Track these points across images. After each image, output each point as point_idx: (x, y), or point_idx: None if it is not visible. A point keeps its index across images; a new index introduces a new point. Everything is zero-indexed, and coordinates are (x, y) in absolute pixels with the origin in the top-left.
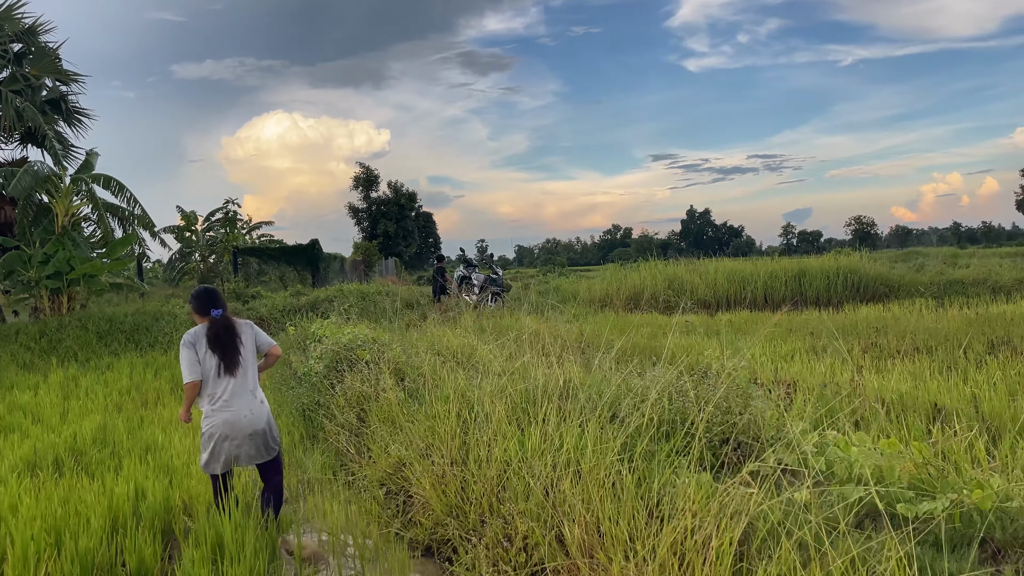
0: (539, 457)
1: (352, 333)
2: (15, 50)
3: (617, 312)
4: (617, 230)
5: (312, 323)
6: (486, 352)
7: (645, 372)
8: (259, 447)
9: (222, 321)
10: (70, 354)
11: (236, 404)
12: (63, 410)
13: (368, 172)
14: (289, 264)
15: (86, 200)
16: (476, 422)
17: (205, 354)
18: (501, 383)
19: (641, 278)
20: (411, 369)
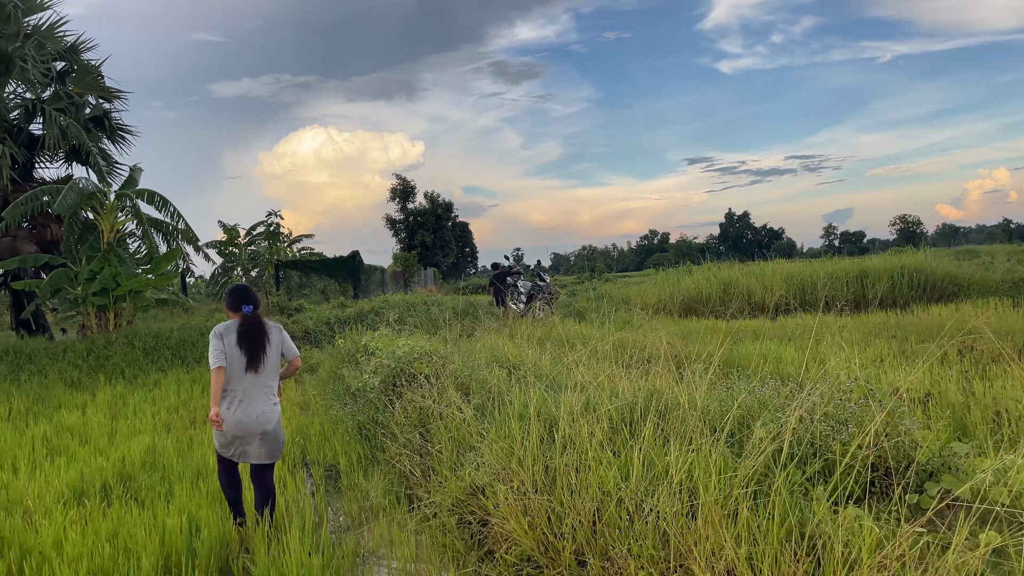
0: (644, 486)
1: (407, 345)
2: (58, 68)
3: (673, 318)
4: (654, 235)
5: (362, 335)
6: (549, 362)
7: (733, 384)
8: (268, 448)
9: (254, 318)
10: (117, 371)
11: (250, 403)
12: (111, 430)
13: (404, 183)
14: (331, 276)
15: (131, 216)
16: (562, 444)
17: (233, 348)
18: (585, 399)
19: (695, 282)
20: (476, 384)
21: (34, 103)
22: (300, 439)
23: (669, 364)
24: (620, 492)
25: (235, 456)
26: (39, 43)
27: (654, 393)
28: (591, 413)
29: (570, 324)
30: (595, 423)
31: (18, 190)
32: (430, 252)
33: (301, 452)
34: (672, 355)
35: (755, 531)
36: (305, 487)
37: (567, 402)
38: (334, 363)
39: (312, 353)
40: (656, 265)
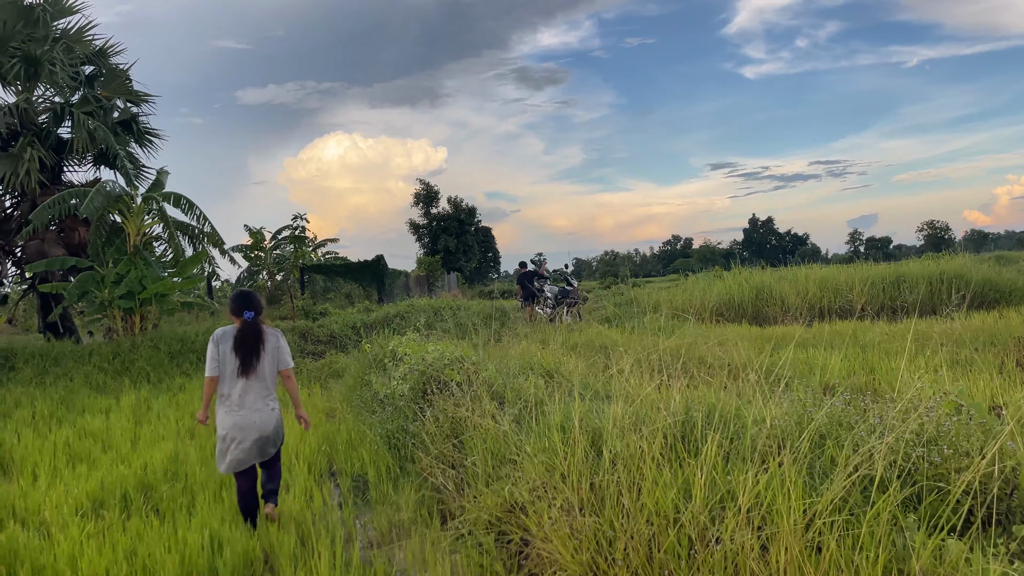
0: (708, 510)
1: (437, 351)
2: (86, 72)
3: (706, 324)
4: (677, 240)
5: (389, 339)
6: (585, 370)
7: (794, 396)
8: (263, 450)
9: (252, 324)
10: (143, 375)
11: (246, 408)
12: (134, 436)
13: (428, 188)
14: (355, 280)
15: (157, 219)
16: (610, 460)
17: (228, 353)
18: (631, 411)
19: (727, 287)
20: (512, 392)
21: (62, 106)
22: (327, 447)
23: (717, 373)
24: (680, 516)
25: (232, 466)
26: (68, 47)
27: (714, 406)
28: (643, 427)
29: (600, 330)
30: (648, 438)
31: (46, 193)
32: (453, 257)
33: (328, 462)
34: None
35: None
36: (332, 499)
37: (614, 414)
38: (360, 368)
39: (338, 358)
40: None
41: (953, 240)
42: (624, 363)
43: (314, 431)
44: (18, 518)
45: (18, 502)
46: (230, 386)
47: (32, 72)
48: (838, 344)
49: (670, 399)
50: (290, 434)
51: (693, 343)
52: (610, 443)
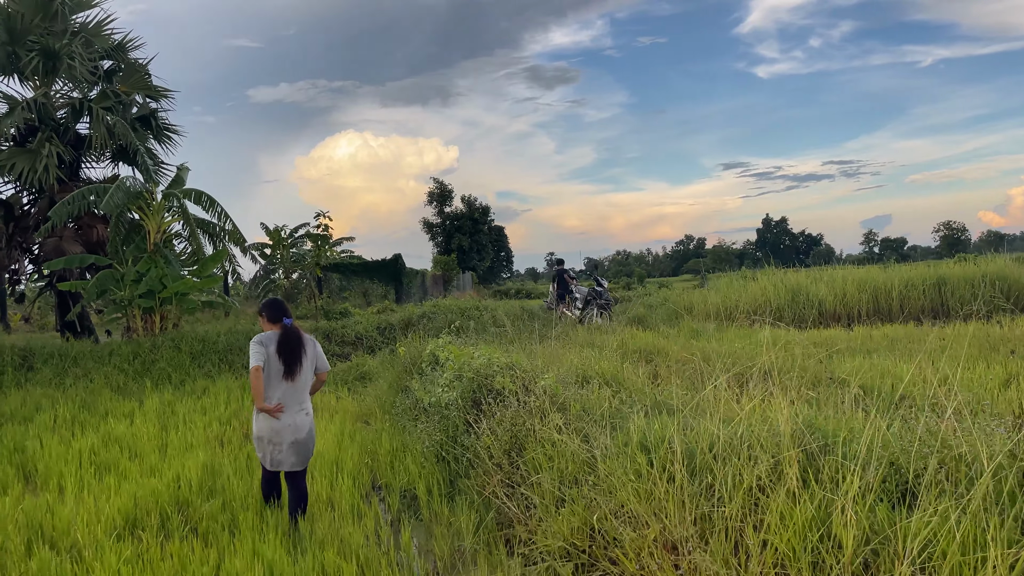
0: (862, 556)
1: (485, 357)
2: (105, 67)
3: (740, 326)
4: (690, 240)
5: (425, 342)
6: (644, 378)
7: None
8: (299, 455)
9: (293, 330)
10: (164, 376)
11: (285, 413)
12: (161, 443)
13: (442, 187)
14: (372, 279)
15: (177, 216)
16: (706, 487)
17: (273, 357)
18: (732, 430)
19: (762, 289)
20: (576, 404)
21: (81, 101)
22: (368, 459)
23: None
24: (821, 559)
25: (267, 463)
26: (86, 41)
27: (833, 428)
28: (751, 450)
29: (635, 332)
30: (752, 464)
31: (64, 189)
32: (467, 256)
33: (371, 475)
34: (785, 370)
35: None
36: (382, 517)
37: (711, 434)
38: (396, 372)
39: (364, 360)
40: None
41: (969, 241)
42: (705, 374)
43: (351, 440)
44: (47, 539)
45: (45, 520)
46: (273, 390)
47: (51, 66)
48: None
49: (770, 416)
50: (329, 444)
51: (746, 348)
52: (714, 468)
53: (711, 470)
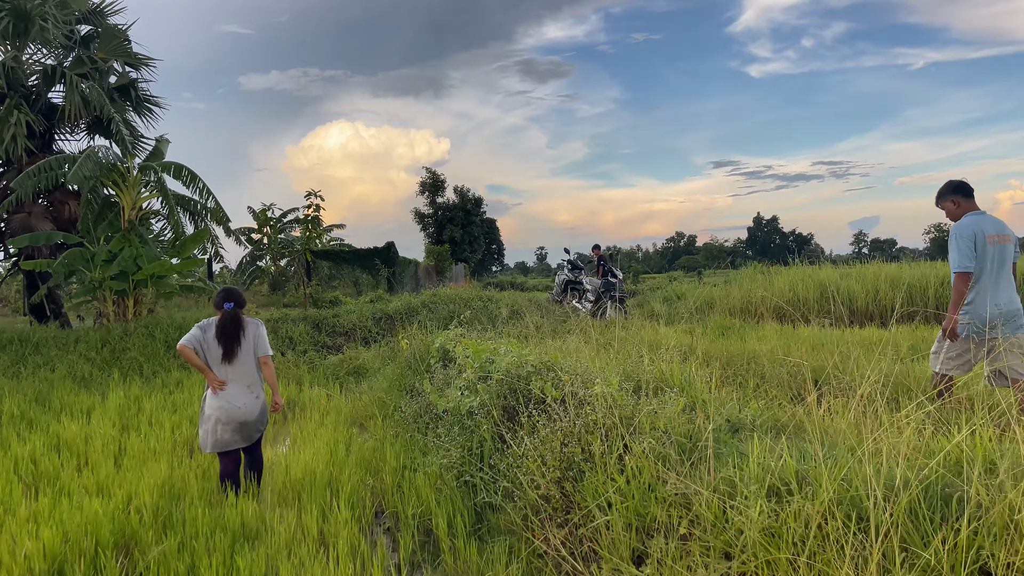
0: None
1: (514, 354)
2: (82, 32)
3: (767, 322)
4: (681, 237)
5: (432, 335)
6: (714, 383)
7: None
8: (247, 435)
9: (231, 313)
10: (134, 366)
11: (231, 394)
12: (118, 448)
13: (435, 177)
14: (363, 268)
15: (155, 191)
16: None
17: (211, 341)
18: (911, 468)
19: (789, 283)
20: (645, 418)
21: (54, 68)
22: (369, 478)
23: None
24: None
25: (216, 446)
26: (62, 2)
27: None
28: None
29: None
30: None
31: (35, 162)
32: (459, 248)
33: (373, 498)
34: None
35: None
36: (389, 558)
37: (883, 473)
38: (397, 369)
39: (359, 353)
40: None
41: None
42: (784, 382)
43: (346, 451)
44: None
45: None
46: (217, 372)
47: (22, 28)
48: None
49: (932, 445)
50: (320, 457)
51: (792, 347)
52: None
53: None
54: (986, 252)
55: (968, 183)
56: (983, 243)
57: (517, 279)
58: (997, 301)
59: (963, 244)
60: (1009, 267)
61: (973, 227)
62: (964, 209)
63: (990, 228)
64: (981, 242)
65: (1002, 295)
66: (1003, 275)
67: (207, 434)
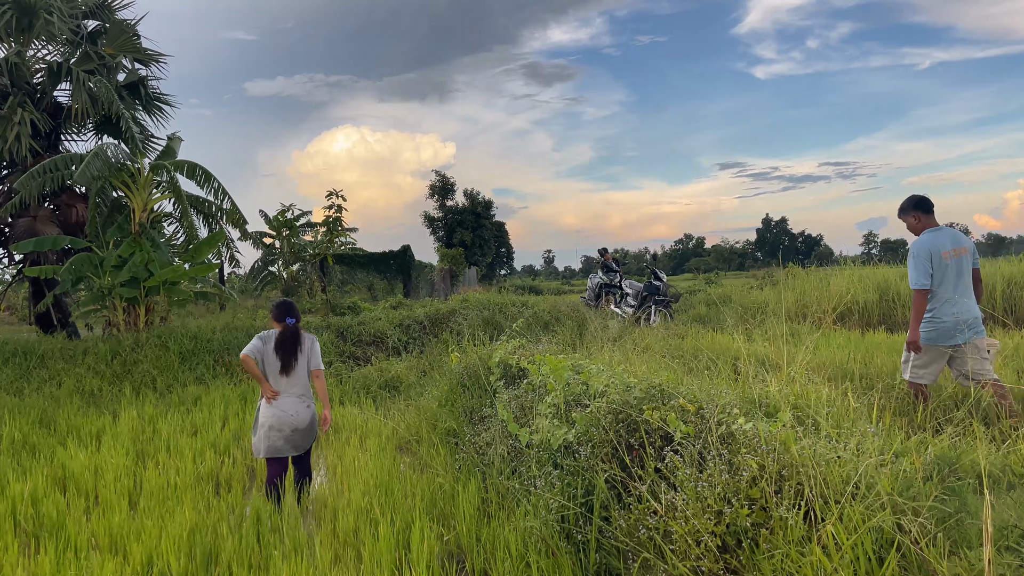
0: None
1: (613, 375)
2: (89, 28)
3: (832, 328)
4: (689, 239)
5: (491, 347)
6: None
7: None
8: (298, 443)
9: (292, 328)
10: (147, 381)
11: (285, 403)
12: (133, 483)
13: (444, 180)
14: (379, 272)
15: (167, 192)
16: None
17: (271, 354)
18: None
19: (847, 285)
20: (813, 469)
21: (60, 64)
22: (442, 531)
23: None
24: None
25: (270, 451)
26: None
27: None
28: None
29: (718, 336)
30: None
31: (39, 162)
32: (469, 251)
33: (446, 547)
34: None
35: None
36: None
37: None
38: (446, 387)
39: (390, 364)
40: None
41: None
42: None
43: (405, 489)
44: None
45: None
46: (273, 383)
47: (26, 23)
48: None
49: None
50: (369, 494)
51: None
52: None
53: None
54: (942, 267)
55: (929, 199)
56: (939, 259)
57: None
58: (956, 311)
59: (920, 262)
60: (967, 278)
61: (928, 245)
62: (924, 224)
63: (947, 244)
64: (937, 259)
65: (960, 305)
66: (960, 286)
67: (260, 440)
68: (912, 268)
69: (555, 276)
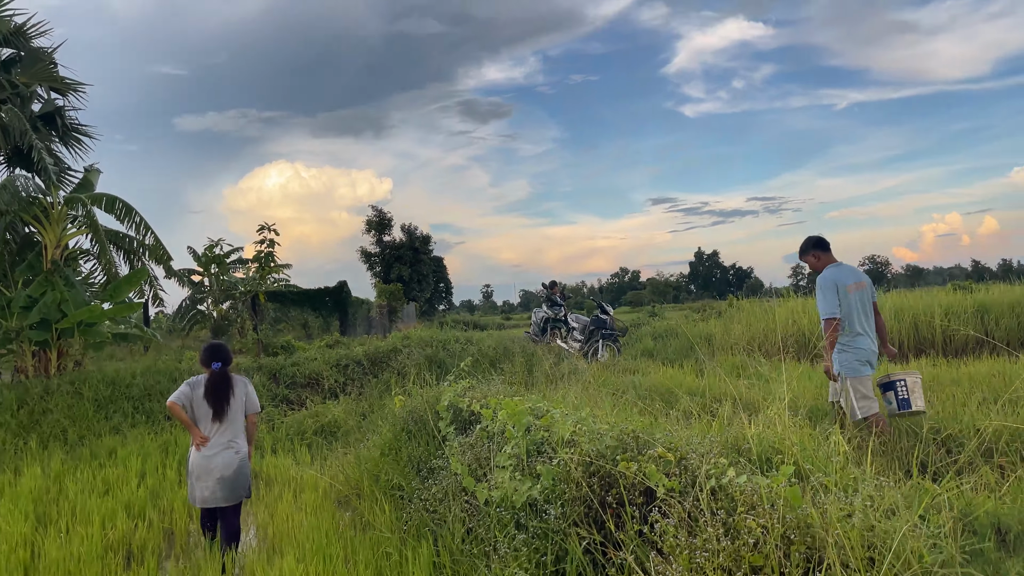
0: None
1: (580, 419)
2: (3, 56)
3: (780, 361)
4: (625, 273)
5: (437, 387)
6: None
7: None
8: (226, 492)
9: (220, 373)
10: (57, 432)
11: (212, 450)
12: (31, 554)
13: (381, 216)
14: (314, 310)
15: (84, 227)
16: None
17: (200, 400)
18: None
19: (791, 315)
20: (852, 531)
21: None
22: None
23: None
24: None
25: (195, 500)
26: None
27: None
28: None
29: (670, 371)
30: None
31: None
32: (408, 287)
33: None
34: None
35: None
36: None
37: None
38: (389, 434)
39: (326, 408)
40: (634, 303)
41: (888, 275)
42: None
43: (346, 556)
44: None
45: None
46: (205, 429)
47: None
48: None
49: None
50: (306, 565)
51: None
52: None
53: None
54: (848, 300)
55: (825, 239)
56: (844, 291)
57: (468, 318)
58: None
59: (828, 294)
60: (871, 310)
61: (833, 278)
62: (824, 262)
63: (848, 278)
64: (843, 290)
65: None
66: (868, 318)
67: (192, 488)
68: (821, 300)
69: (494, 311)
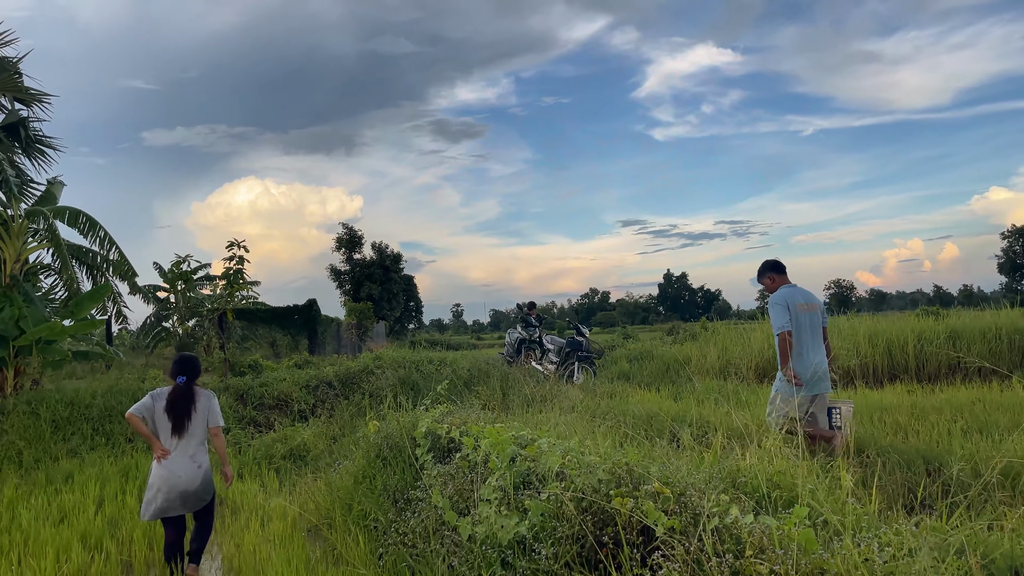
0: None
1: (568, 449)
2: None
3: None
4: (595, 294)
5: (418, 415)
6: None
7: None
8: (188, 503)
9: (184, 388)
10: (11, 455)
11: (175, 464)
12: None
13: (351, 233)
14: (282, 328)
15: (45, 241)
16: None
17: (161, 414)
18: None
19: (768, 341)
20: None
21: None
22: None
23: None
24: None
25: (156, 514)
26: None
27: None
28: None
29: (648, 396)
30: None
31: None
32: (377, 305)
33: None
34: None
35: None
36: None
37: None
38: (362, 461)
39: (296, 431)
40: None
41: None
42: None
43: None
44: None
45: None
46: (165, 443)
47: None
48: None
49: None
50: None
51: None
52: None
53: None
54: (799, 318)
55: (781, 262)
56: (795, 310)
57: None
58: (813, 362)
59: (779, 310)
60: (819, 332)
61: (785, 297)
62: (779, 283)
63: (800, 299)
64: (794, 309)
65: (815, 356)
66: (816, 339)
67: (148, 503)
68: (773, 315)
69: (464, 330)
